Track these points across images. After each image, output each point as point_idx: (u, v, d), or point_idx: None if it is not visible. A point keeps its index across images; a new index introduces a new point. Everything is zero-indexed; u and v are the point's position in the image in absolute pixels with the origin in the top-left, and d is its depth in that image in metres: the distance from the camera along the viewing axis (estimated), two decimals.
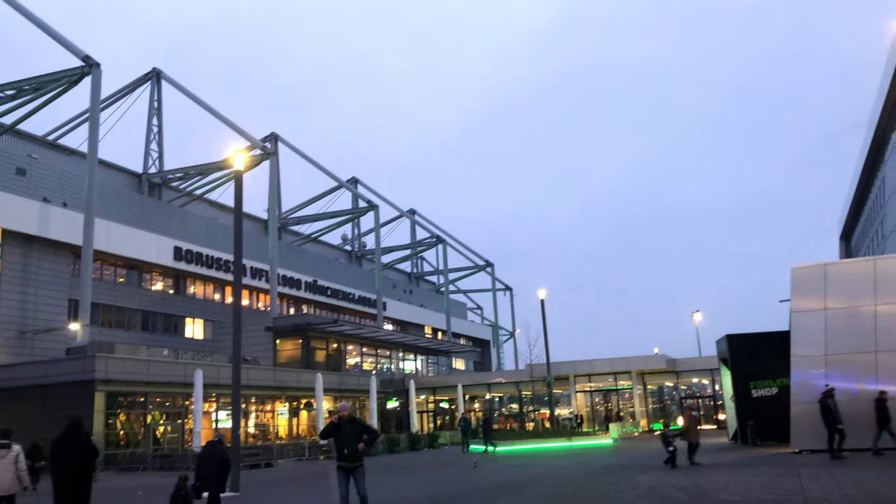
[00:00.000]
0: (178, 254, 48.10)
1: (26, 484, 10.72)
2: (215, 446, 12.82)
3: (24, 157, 41.44)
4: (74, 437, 10.20)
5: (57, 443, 10.23)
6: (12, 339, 37.56)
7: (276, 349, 48.47)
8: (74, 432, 10.27)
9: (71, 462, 9.94)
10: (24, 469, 10.69)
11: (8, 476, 10.32)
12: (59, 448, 10.11)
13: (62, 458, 10.01)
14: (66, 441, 10.15)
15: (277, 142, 59.62)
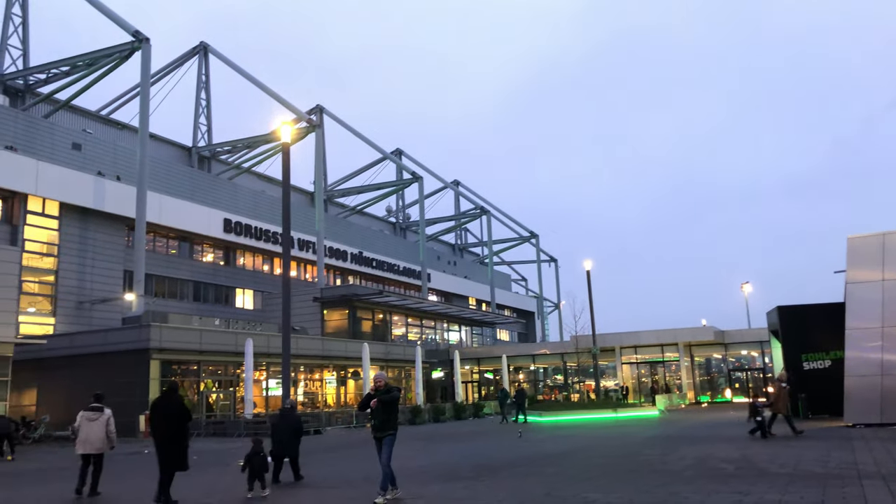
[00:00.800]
0: (228, 226, 49.04)
1: (114, 444, 12.01)
2: (289, 413, 13.58)
3: (79, 133, 42.56)
4: (170, 401, 10.89)
5: (155, 406, 11.00)
6: (72, 308, 38.98)
7: (324, 319, 49.26)
8: (170, 397, 10.99)
9: (168, 423, 10.64)
10: (114, 430, 11.93)
11: (100, 436, 11.64)
12: (158, 411, 10.85)
13: (161, 420, 10.70)
14: (163, 404, 10.88)
15: (323, 114, 59.96)
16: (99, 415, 11.79)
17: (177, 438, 10.61)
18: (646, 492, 10.27)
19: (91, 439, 11.70)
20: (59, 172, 38.57)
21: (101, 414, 11.82)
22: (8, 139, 37.59)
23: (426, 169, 71.26)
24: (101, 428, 11.72)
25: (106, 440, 11.80)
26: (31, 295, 37.54)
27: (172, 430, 10.60)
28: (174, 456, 10.53)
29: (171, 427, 10.60)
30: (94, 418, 11.75)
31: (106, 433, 11.79)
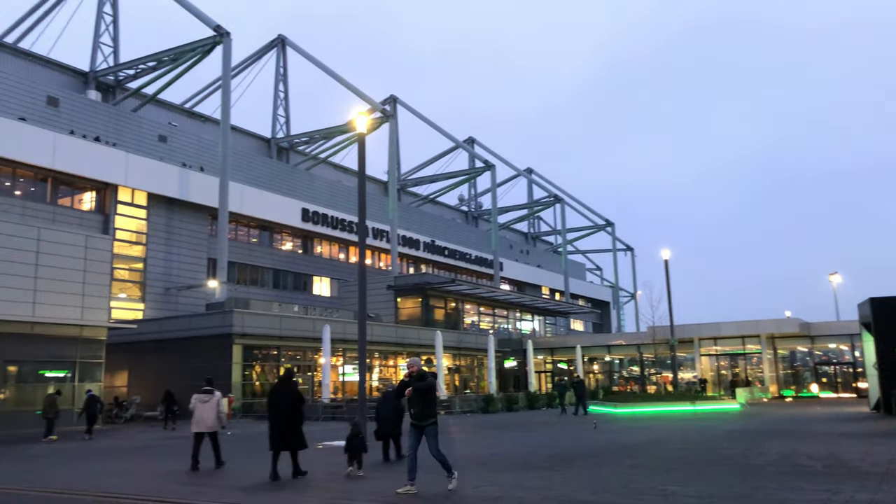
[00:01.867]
0: (306, 215, 50.19)
1: (225, 424, 13.16)
2: (390, 395, 14.14)
3: (164, 125, 44.33)
4: (286, 387, 11.69)
5: (273, 391, 11.81)
6: (159, 294, 40.75)
7: (397, 307, 49.84)
8: (286, 383, 11.82)
9: (284, 407, 11.38)
10: (224, 411, 13.20)
11: (212, 416, 12.85)
12: (275, 395, 11.63)
13: (277, 403, 11.46)
14: (280, 390, 11.66)
15: (396, 104, 60.47)
16: (210, 397, 13.00)
17: (292, 421, 11.38)
18: (727, 486, 9.96)
19: (204, 419, 12.91)
20: (146, 164, 40.31)
21: (212, 396, 13.02)
22: (100, 132, 39.48)
23: (499, 157, 71.00)
24: (212, 409, 12.92)
25: (217, 420, 13.01)
26: (122, 282, 39.41)
27: (290, 413, 11.38)
28: (293, 436, 11.37)
29: (286, 411, 11.37)
30: (205, 400, 12.97)
31: (217, 414, 12.97)
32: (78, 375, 26.69)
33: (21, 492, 10.82)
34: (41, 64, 41.48)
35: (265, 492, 10.41)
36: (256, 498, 9.86)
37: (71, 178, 38.00)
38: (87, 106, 40.11)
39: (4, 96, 35.85)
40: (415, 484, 9.87)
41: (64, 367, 26.54)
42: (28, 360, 25.59)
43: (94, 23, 44.76)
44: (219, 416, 13.05)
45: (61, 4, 44.31)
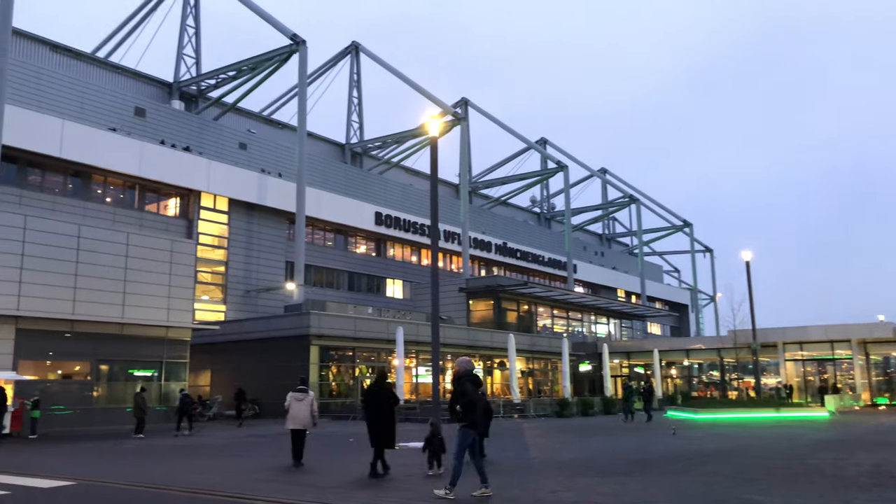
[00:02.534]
0: (379, 218, 50.87)
1: (317, 422, 13.85)
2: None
3: (244, 133, 45.78)
4: (381, 387, 12.11)
5: (369, 390, 12.34)
6: (239, 297, 42.07)
7: (469, 309, 49.89)
8: (381, 383, 12.22)
9: (379, 405, 11.84)
10: (317, 410, 13.76)
11: (306, 414, 13.47)
12: (370, 394, 12.14)
13: (373, 402, 11.96)
14: (375, 389, 12.13)
15: (468, 107, 60.61)
16: (304, 396, 13.62)
17: (387, 419, 11.81)
18: (816, 496, 9.50)
19: (299, 417, 13.50)
20: (227, 170, 41.72)
21: (306, 395, 13.65)
22: (184, 141, 41.10)
23: (572, 158, 70.14)
24: (306, 407, 13.51)
25: (310, 418, 13.59)
26: (205, 284, 40.84)
27: (384, 413, 11.81)
28: (385, 434, 11.77)
29: (381, 410, 11.81)
30: (300, 398, 13.58)
31: (310, 412, 13.56)
32: (164, 375, 27.81)
33: (116, 485, 11.31)
34: (129, 76, 43.51)
35: (345, 490, 10.56)
36: (336, 495, 10.01)
37: (157, 185, 39.70)
38: (171, 115, 41.84)
39: (96, 108, 37.77)
40: (489, 486, 9.77)
41: (151, 367, 27.69)
42: (118, 360, 26.82)
43: (178, 35, 46.65)
44: (312, 414, 13.61)
45: (147, 19, 46.39)
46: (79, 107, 36.95)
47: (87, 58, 42.33)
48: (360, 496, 10.10)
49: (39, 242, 24.14)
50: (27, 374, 23.39)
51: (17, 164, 34.23)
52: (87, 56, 42.52)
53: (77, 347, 25.48)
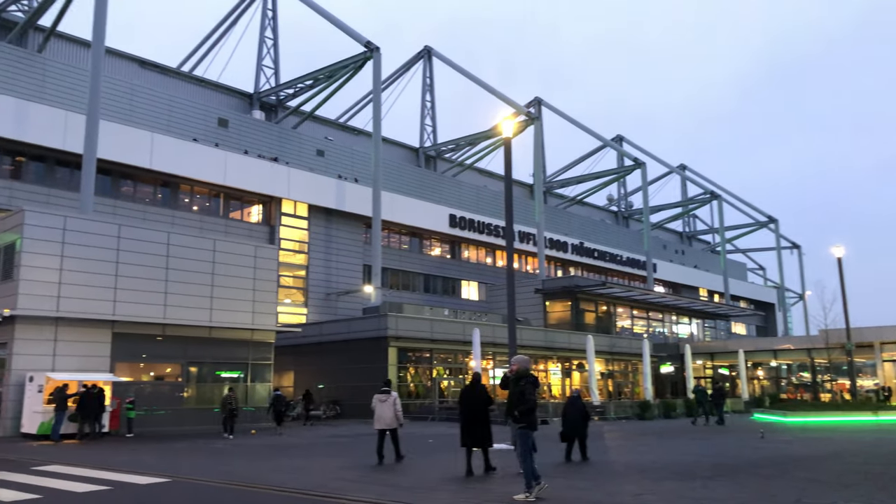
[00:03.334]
0: (453, 220, 51.11)
1: (401, 422, 14.37)
2: (576, 400, 15.42)
3: (321, 140, 46.86)
4: (476, 389, 12.47)
5: (464, 392, 12.72)
6: (320, 299, 43.06)
7: (546, 311, 49.48)
8: (476, 385, 12.58)
9: (474, 407, 12.26)
10: (400, 410, 14.27)
11: (390, 414, 14.09)
12: (465, 396, 12.55)
13: (468, 403, 12.39)
14: (470, 391, 12.50)
15: (541, 106, 60.16)
16: (387, 397, 14.21)
17: (481, 421, 12.21)
18: None
19: (383, 417, 14.15)
20: (306, 177, 42.83)
21: (389, 396, 14.23)
22: (264, 150, 42.41)
23: (649, 154, 68.61)
24: (389, 408, 14.09)
25: (394, 417, 14.14)
26: (287, 288, 41.98)
27: (479, 413, 12.21)
28: (481, 434, 12.17)
29: (476, 412, 12.20)
30: (383, 399, 14.21)
31: (394, 412, 14.11)
32: (250, 376, 28.71)
33: (208, 483, 11.76)
34: (212, 89, 45.22)
35: (426, 490, 10.64)
36: (414, 495, 10.10)
37: (240, 192, 41.10)
38: (252, 125, 43.25)
39: (182, 120, 39.43)
40: (541, 482, 9.60)
41: (237, 368, 28.63)
42: (207, 362, 27.83)
43: (257, 48, 48.17)
44: (395, 414, 14.09)
45: (228, 33, 48.09)
46: (166, 119, 38.66)
47: (173, 72, 44.24)
48: (441, 496, 10.15)
49: (132, 250, 25.34)
50: (123, 376, 24.59)
51: (111, 175, 36.11)
52: (173, 71, 44.44)
53: (168, 350, 26.61)
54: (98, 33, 30.88)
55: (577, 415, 14.96)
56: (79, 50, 39.24)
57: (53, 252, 23.33)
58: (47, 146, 33.78)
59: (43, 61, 35.57)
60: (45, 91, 34.59)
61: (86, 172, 29.68)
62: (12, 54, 34.54)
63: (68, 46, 39.35)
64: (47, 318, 22.91)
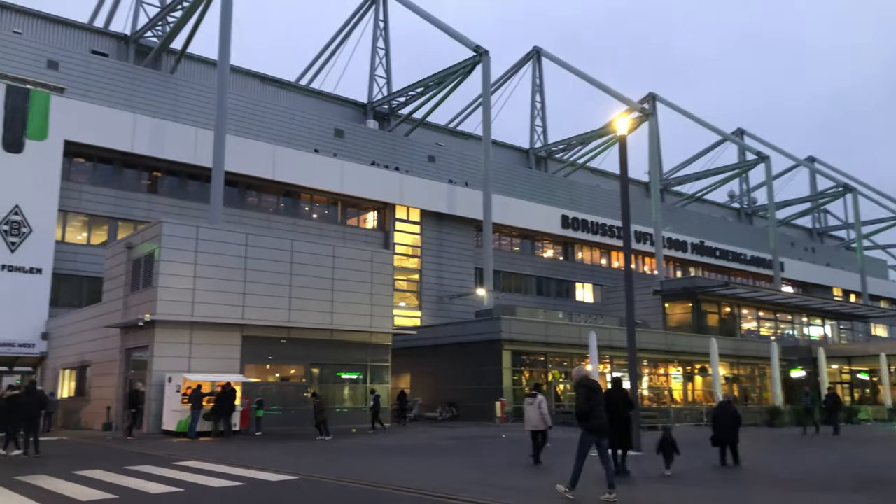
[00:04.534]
0: (565, 222, 50.45)
1: (549, 423, 14.70)
2: (727, 405, 15.53)
3: (432, 146, 47.56)
4: (617, 392, 12.92)
5: (606, 396, 12.75)
6: (433, 303, 43.66)
7: (665, 313, 47.82)
8: (617, 389, 13.03)
9: (615, 411, 12.32)
10: (546, 412, 14.63)
11: (536, 416, 14.45)
12: (608, 399, 12.53)
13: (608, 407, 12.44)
14: (612, 395, 12.68)
15: (656, 102, 58.34)
16: (534, 400, 14.69)
17: (624, 423, 12.50)
18: None
19: (531, 419, 14.60)
20: (419, 183, 43.61)
21: (536, 399, 14.68)
22: (378, 157, 43.54)
23: (774, 148, 65.00)
24: (536, 410, 14.48)
25: (541, 420, 14.49)
26: (401, 292, 42.83)
27: (621, 417, 12.42)
28: (624, 437, 12.49)
29: (619, 414, 12.37)
30: (531, 402, 14.73)
31: (540, 414, 14.47)
32: (369, 377, 29.46)
33: (333, 481, 12.14)
34: (328, 100, 46.91)
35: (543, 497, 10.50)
36: (531, 499, 9.98)
37: (356, 200, 42.38)
38: (366, 134, 44.50)
39: (301, 132, 41.15)
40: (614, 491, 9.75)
41: (357, 370, 29.46)
42: (328, 363, 28.81)
43: (370, 58, 49.53)
44: (542, 416, 14.44)
45: (342, 46, 49.74)
46: (287, 132, 40.46)
47: (292, 86, 46.25)
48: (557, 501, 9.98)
49: (259, 257, 26.61)
50: (251, 377, 25.86)
51: (238, 187, 38.19)
52: (292, 85, 46.46)
53: (292, 352, 27.73)
54: (223, 54, 32.78)
55: (728, 419, 14.98)
56: (206, 69, 41.75)
57: (188, 260, 24.86)
58: (180, 161, 36.21)
59: (175, 82, 38.14)
60: (177, 110, 37.06)
61: (215, 185, 31.56)
62: (150, 77, 37.26)
63: (197, 66, 41.99)
64: (183, 323, 24.43)
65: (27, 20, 37.27)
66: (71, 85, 34.40)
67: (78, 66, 35.27)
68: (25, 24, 37.01)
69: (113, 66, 36.95)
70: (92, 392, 28.40)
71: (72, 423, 29.11)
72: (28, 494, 10.52)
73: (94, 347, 28.20)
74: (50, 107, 32.86)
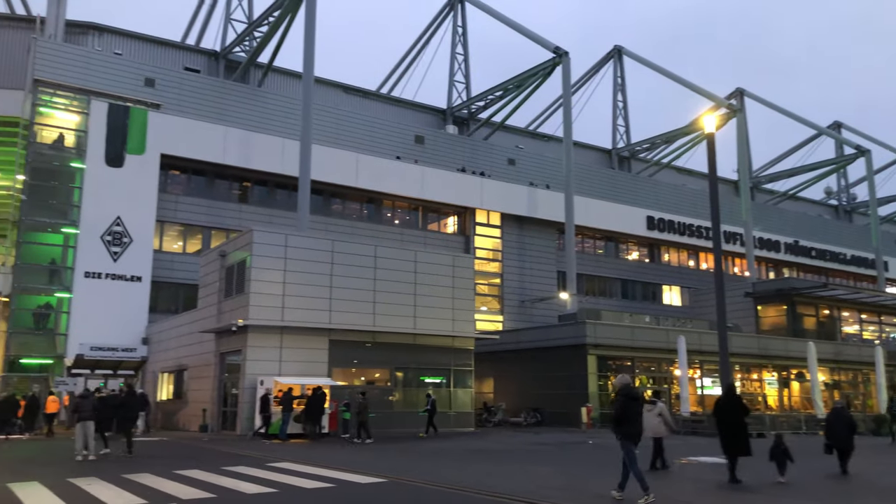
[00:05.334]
0: (651, 223, 49.32)
1: (672, 429, 14.95)
2: (841, 411, 15.20)
3: (512, 149, 47.39)
4: (731, 399, 13.02)
5: (719, 403, 13.25)
6: (515, 307, 43.44)
7: (758, 316, 45.99)
8: (730, 396, 13.13)
9: (731, 416, 12.69)
10: (668, 419, 14.79)
11: (654, 423, 14.43)
12: (721, 407, 13.06)
13: (725, 413, 12.91)
14: (725, 402, 13.01)
15: (743, 97, 56.29)
16: (652, 407, 14.75)
17: (740, 429, 12.56)
18: None
19: (650, 426, 14.31)
20: (498, 187, 43.58)
21: (654, 406, 14.80)
22: (458, 162, 43.72)
23: (875, 141, 61.55)
24: (654, 417, 14.49)
25: (662, 426, 14.61)
26: (483, 296, 42.83)
27: (736, 423, 12.59)
28: (739, 443, 12.51)
29: (734, 420, 12.59)
30: (649, 409, 14.55)
31: (660, 422, 14.58)
32: (452, 381, 29.56)
33: (420, 484, 12.22)
34: (408, 107, 47.47)
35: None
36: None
37: (437, 205, 42.72)
38: (446, 140, 44.80)
39: (382, 139, 41.80)
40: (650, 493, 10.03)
41: (440, 374, 29.60)
42: (412, 367, 29.08)
43: (449, 64, 49.85)
44: (665, 422, 14.58)
45: (422, 53, 50.25)
46: (368, 140, 41.20)
47: (373, 95, 47.07)
48: None
49: (343, 263, 27.16)
50: (338, 381, 26.39)
51: (323, 195, 39.18)
52: (373, 94, 47.28)
53: (377, 356, 28.14)
54: (308, 67, 33.73)
55: (843, 426, 14.59)
56: (291, 81, 43.00)
57: (277, 267, 25.62)
58: (268, 171, 37.47)
59: (263, 95, 39.47)
60: (265, 121, 38.33)
61: (301, 193, 32.46)
62: (239, 91, 38.71)
63: (282, 79, 43.30)
64: (273, 328, 25.18)
65: (126, 41, 39.35)
66: (166, 101, 36.13)
67: (172, 83, 37.01)
68: (124, 45, 39.10)
69: (204, 82, 38.59)
70: (189, 395, 29.66)
71: (171, 424, 30.48)
72: (135, 491, 11.07)
73: (191, 352, 29.45)
74: (147, 122, 34.64)
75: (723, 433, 12.76)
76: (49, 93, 34.10)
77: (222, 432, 25.72)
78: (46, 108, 34.27)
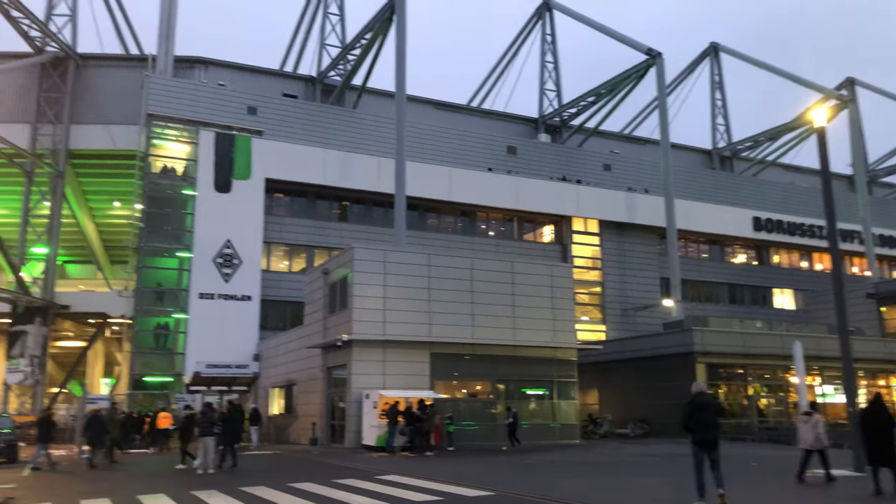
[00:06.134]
0: (757, 224, 47.24)
1: (824, 443, 14.41)
2: None
3: (607, 154, 46.55)
4: (878, 409, 12.84)
5: (865, 413, 13.14)
6: (617, 316, 42.47)
7: (882, 318, 43.05)
8: (877, 405, 12.99)
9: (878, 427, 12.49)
10: (822, 431, 14.43)
11: (810, 435, 14.33)
12: (868, 416, 12.90)
13: (872, 423, 12.73)
14: (872, 412, 12.86)
15: (854, 87, 53.03)
16: (808, 419, 14.64)
17: (887, 439, 12.40)
18: None
19: (804, 437, 14.54)
20: (595, 193, 42.87)
21: (810, 418, 14.61)
22: (552, 171, 43.34)
23: None
24: (810, 429, 14.40)
25: (816, 439, 14.33)
26: (583, 305, 42.12)
27: (884, 434, 12.41)
28: (888, 454, 12.32)
29: (882, 431, 12.42)
30: (805, 421, 14.69)
31: (815, 434, 14.34)
32: (555, 393, 29.16)
33: (529, 498, 12.10)
34: (499, 119, 47.54)
35: None
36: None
37: (532, 215, 42.46)
38: (538, 148, 44.53)
39: (474, 152, 42.01)
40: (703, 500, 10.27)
41: (542, 386, 29.25)
42: (513, 379, 28.89)
43: (539, 73, 49.65)
44: (818, 435, 14.30)
45: (511, 64, 50.29)
46: (461, 153, 41.53)
47: (464, 109, 47.46)
48: None
49: (441, 276, 27.39)
50: (441, 393, 26.56)
51: (418, 210, 39.74)
52: (464, 107, 47.67)
53: (478, 368, 28.13)
54: (400, 87, 34.41)
55: None
56: (384, 101, 43.94)
57: (377, 283, 26.14)
58: (365, 189, 38.41)
59: (358, 116, 40.56)
60: (360, 141, 39.35)
61: (398, 209, 33.05)
62: (335, 114, 39.95)
63: (376, 99, 44.32)
64: (376, 342, 25.67)
65: (229, 72, 41.42)
66: (267, 127, 37.74)
67: (273, 109, 38.63)
68: (227, 75, 41.16)
69: (302, 107, 40.06)
70: (299, 409, 30.62)
71: (282, 438, 31.54)
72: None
73: (299, 367, 30.44)
74: (252, 148, 36.29)
75: (868, 442, 12.60)
76: (161, 125, 36.32)
77: (331, 445, 26.38)
78: (159, 139, 36.51)
